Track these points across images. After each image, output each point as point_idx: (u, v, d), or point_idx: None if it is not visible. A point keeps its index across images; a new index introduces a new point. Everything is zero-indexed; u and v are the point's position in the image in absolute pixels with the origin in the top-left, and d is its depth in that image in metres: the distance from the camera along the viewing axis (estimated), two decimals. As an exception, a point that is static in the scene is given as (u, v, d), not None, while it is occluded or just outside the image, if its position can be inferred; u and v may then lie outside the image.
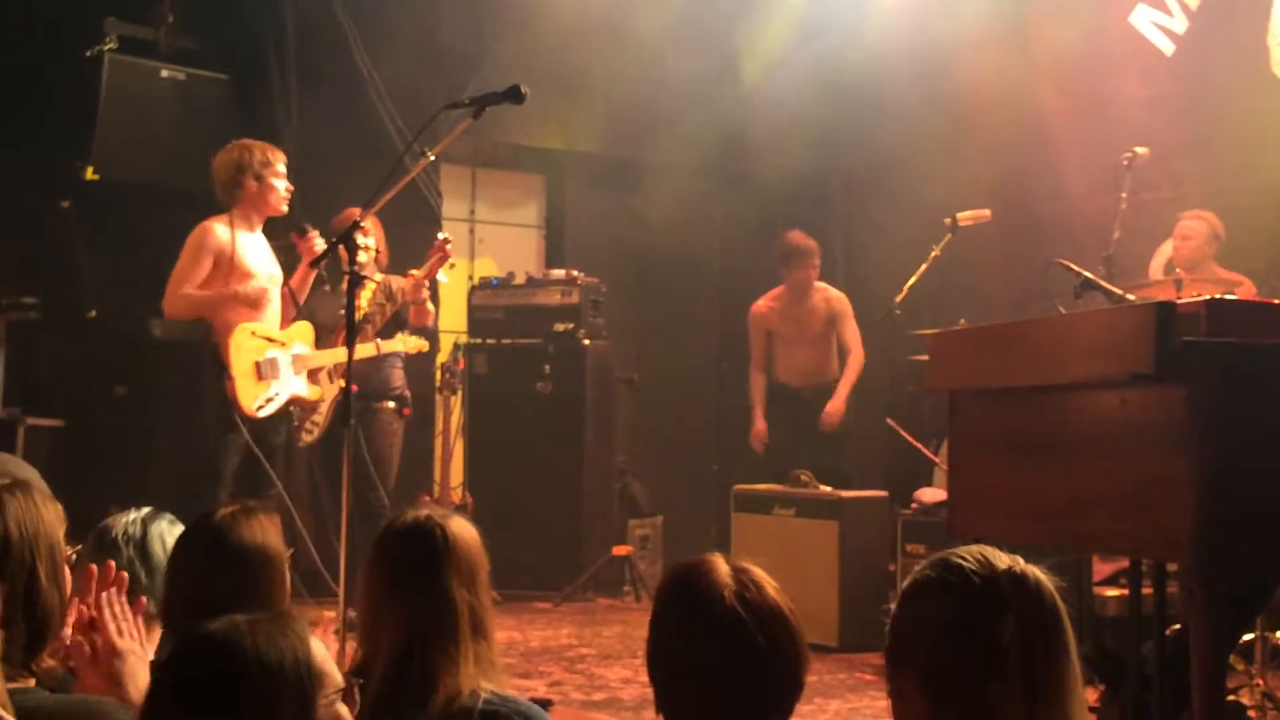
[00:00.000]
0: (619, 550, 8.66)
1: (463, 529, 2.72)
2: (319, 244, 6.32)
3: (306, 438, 7.15)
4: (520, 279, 9.07)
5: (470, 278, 9.56)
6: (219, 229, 6.27)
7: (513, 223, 10.36)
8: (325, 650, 2.01)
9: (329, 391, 6.81)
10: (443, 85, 8.42)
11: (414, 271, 6.92)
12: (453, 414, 8.43)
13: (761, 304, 8.52)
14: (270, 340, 6.33)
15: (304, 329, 6.57)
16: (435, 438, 8.69)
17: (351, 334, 5.06)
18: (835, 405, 8.23)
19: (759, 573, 2.23)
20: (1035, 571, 1.82)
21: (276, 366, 6.31)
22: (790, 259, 8.35)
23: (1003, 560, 1.86)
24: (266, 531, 2.97)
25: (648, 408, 9.41)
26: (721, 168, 10.09)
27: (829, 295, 8.45)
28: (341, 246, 5.17)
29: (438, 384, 8.59)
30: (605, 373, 9.06)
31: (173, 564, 3.01)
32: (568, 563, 8.58)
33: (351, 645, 5.00)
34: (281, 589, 2.95)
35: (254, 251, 6.36)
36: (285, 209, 6.44)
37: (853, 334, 8.36)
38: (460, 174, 9.77)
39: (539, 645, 7.10)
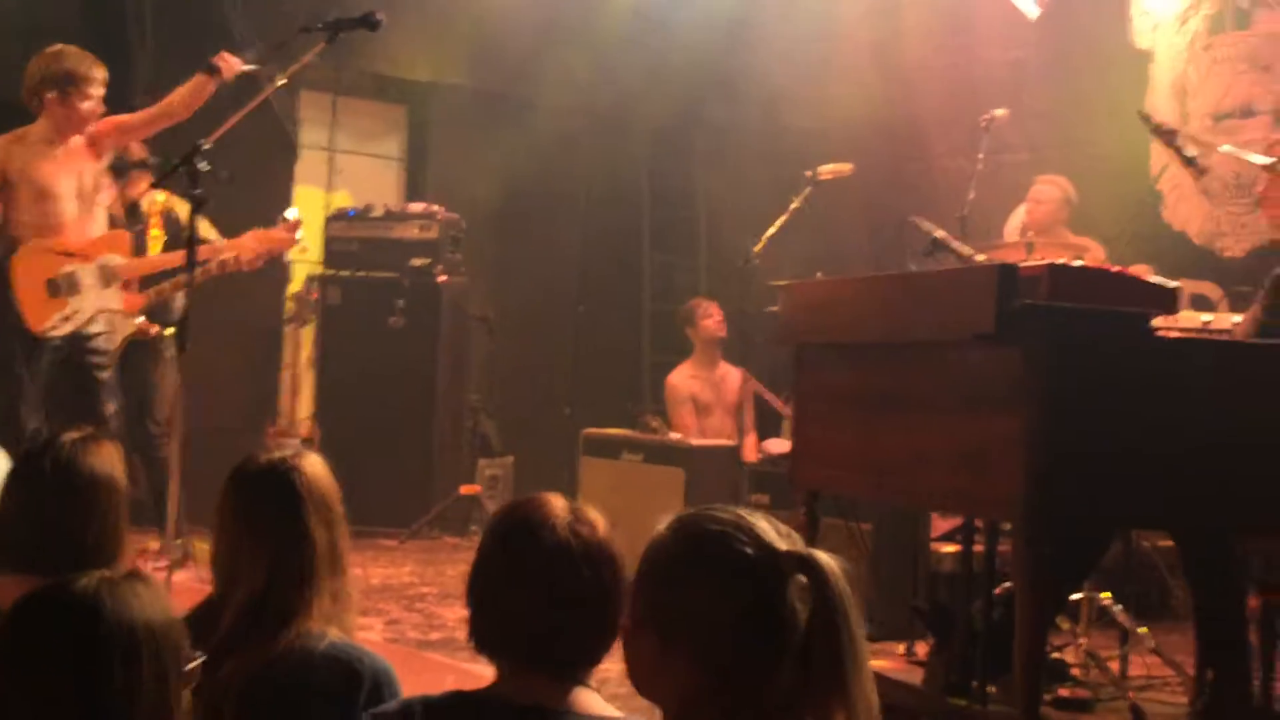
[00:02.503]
0: (467, 489, 8.60)
1: (316, 467, 2.69)
2: None
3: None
4: (379, 211, 8.92)
5: (327, 207, 9.37)
6: (8, 148, 6.00)
7: (373, 154, 10.19)
8: None
9: (125, 328, 6.55)
10: (305, 7, 8.20)
11: (256, 231, 6.50)
12: (303, 346, 8.28)
13: None
14: (68, 255, 6.06)
15: (116, 239, 6.29)
16: (284, 369, 8.53)
17: (191, 262, 4.92)
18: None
19: (594, 513, 2.24)
20: (818, 552, 1.78)
21: (75, 281, 6.06)
22: None
23: (769, 534, 1.80)
24: (112, 460, 2.90)
25: (503, 347, 9.32)
26: (589, 109, 9.99)
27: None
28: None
29: (288, 314, 8.43)
30: (460, 310, 8.96)
31: (8, 491, 2.90)
32: (415, 500, 8.49)
33: (180, 577, 4.89)
34: (122, 520, 2.88)
35: (55, 167, 6.04)
36: (90, 129, 6.08)
37: None
38: (321, 101, 9.54)
39: (379, 582, 7.02)
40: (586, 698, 2.15)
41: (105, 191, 6.32)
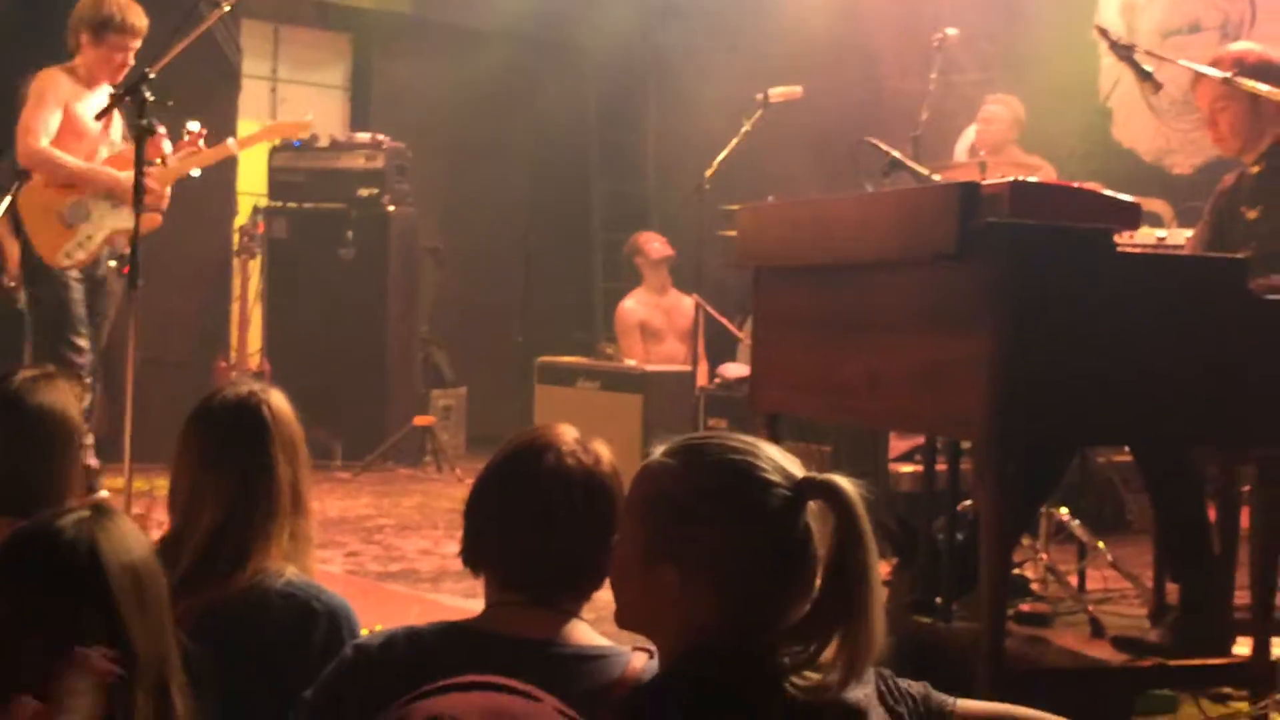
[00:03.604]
0: (420, 420, 8.57)
1: (281, 403, 2.65)
2: None
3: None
4: (324, 142, 8.81)
5: (271, 138, 9.24)
6: (61, 78, 5.90)
7: (317, 83, 10.04)
8: None
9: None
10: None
11: (162, 161, 6.15)
12: (251, 279, 8.19)
13: None
14: (70, 186, 5.95)
15: (122, 159, 6.06)
16: (232, 303, 8.44)
17: (139, 195, 4.82)
18: None
19: (604, 449, 2.24)
20: (837, 477, 1.76)
21: (84, 208, 5.96)
22: None
23: (783, 461, 1.78)
24: (65, 398, 2.85)
25: (454, 278, 9.26)
26: (538, 36, 9.89)
27: None
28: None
29: (235, 248, 8.33)
30: (409, 240, 8.89)
31: None
32: (368, 432, 8.46)
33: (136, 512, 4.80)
34: (76, 460, 2.85)
35: (86, 108, 5.95)
36: (116, 80, 5.95)
37: None
38: (262, 30, 9.39)
39: (337, 515, 6.98)
40: (579, 630, 2.13)
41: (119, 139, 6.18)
